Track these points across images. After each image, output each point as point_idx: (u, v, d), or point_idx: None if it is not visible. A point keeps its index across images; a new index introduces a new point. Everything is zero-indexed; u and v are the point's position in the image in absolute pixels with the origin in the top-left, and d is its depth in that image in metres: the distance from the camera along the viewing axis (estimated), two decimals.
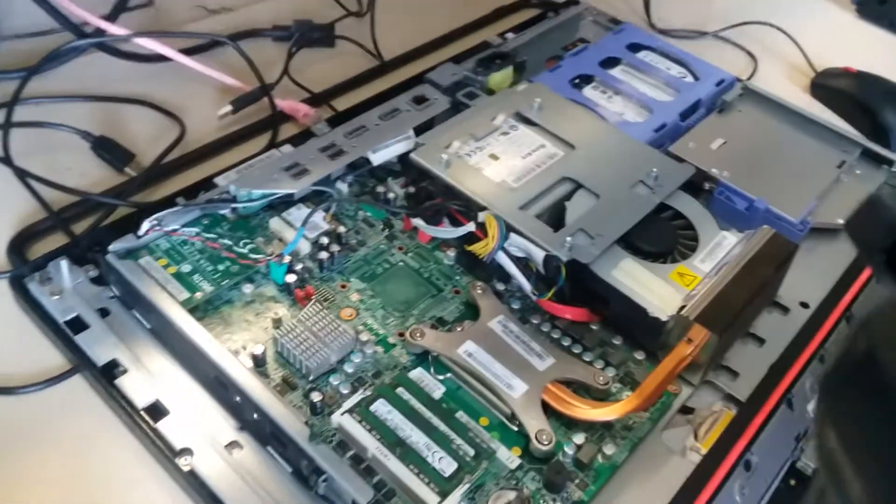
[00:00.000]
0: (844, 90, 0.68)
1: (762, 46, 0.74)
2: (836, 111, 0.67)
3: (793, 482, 0.41)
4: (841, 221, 0.53)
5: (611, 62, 0.63)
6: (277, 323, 0.42)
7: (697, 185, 0.53)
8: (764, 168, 0.55)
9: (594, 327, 0.45)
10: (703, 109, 0.60)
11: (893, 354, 0.23)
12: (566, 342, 0.44)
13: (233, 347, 0.41)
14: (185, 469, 0.37)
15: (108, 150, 0.53)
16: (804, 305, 0.49)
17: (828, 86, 0.69)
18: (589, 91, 0.60)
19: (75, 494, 0.37)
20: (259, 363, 0.40)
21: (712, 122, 0.59)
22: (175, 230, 0.45)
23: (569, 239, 0.44)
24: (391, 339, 0.43)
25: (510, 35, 0.65)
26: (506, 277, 0.46)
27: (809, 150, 0.58)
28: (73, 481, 0.37)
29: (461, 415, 0.39)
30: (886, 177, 0.57)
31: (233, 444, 0.38)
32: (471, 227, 0.45)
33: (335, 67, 0.64)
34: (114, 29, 0.56)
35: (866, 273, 0.48)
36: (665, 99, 0.60)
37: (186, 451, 0.38)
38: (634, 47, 0.65)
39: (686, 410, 0.43)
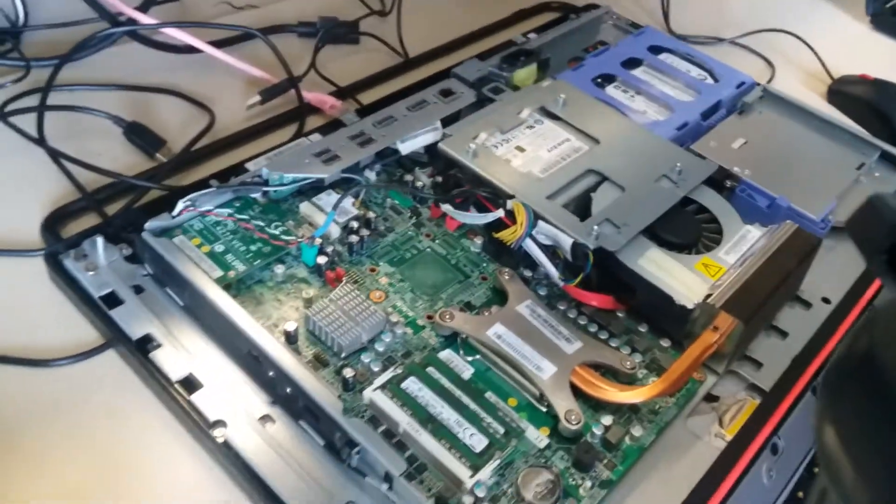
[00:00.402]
0: (861, 97, 0.69)
1: (779, 53, 0.75)
2: (852, 117, 0.68)
3: (816, 470, 0.42)
4: None
5: (632, 63, 0.64)
6: (308, 303, 0.42)
7: (720, 182, 0.54)
8: (784, 168, 0.56)
9: (620, 315, 0.46)
10: (724, 110, 0.61)
11: (894, 354, 0.23)
12: (593, 328, 0.44)
13: (265, 325, 0.41)
14: (220, 440, 0.37)
15: (140, 135, 0.54)
16: (826, 301, 0.50)
17: (845, 92, 0.70)
18: (611, 90, 0.61)
19: (108, 465, 0.37)
20: (291, 340, 0.41)
21: (733, 123, 0.60)
22: (209, 210, 0.45)
23: (595, 228, 0.45)
24: (420, 322, 0.43)
25: (532, 35, 0.66)
26: (532, 265, 0.47)
27: (829, 151, 0.59)
28: (106, 453, 0.38)
29: (490, 395, 0.40)
30: None
31: (265, 418, 0.39)
32: (499, 213, 0.45)
33: (360, 63, 0.65)
34: (146, 18, 0.57)
35: None
36: (686, 99, 0.61)
37: (220, 424, 0.38)
38: (655, 49, 0.66)
39: (711, 398, 0.43)
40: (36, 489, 0.36)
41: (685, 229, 0.48)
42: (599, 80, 0.62)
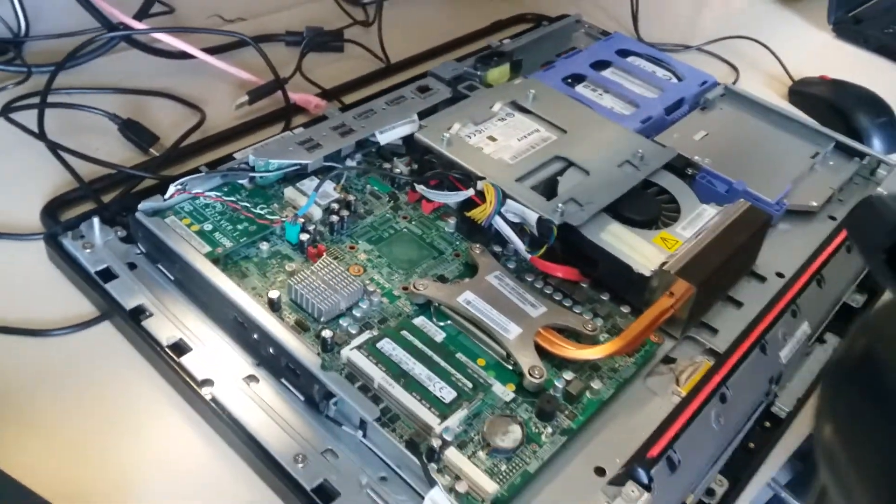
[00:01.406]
0: (820, 96, 0.72)
1: (743, 59, 0.79)
2: (812, 116, 0.71)
3: (767, 424, 0.44)
4: (815, 204, 0.57)
5: (601, 65, 0.68)
6: (291, 275, 0.45)
7: (681, 170, 0.57)
8: (743, 157, 0.60)
9: (584, 286, 0.48)
10: (687, 107, 0.65)
11: (892, 354, 0.23)
12: (558, 297, 0.47)
13: (250, 294, 0.44)
14: (208, 397, 0.40)
15: (135, 132, 0.57)
16: (780, 275, 0.53)
17: (804, 92, 0.74)
18: (580, 89, 0.65)
19: (104, 425, 0.40)
20: (275, 307, 0.43)
21: (695, 118, 0.64)
22: (198, 193, 0.48)
23: (560, 205, 0.48)
24: (396, 292, 0.46)
25: (507, 41, 0.70)
26: (502, 242, 0.50)
27: (786, 142, 0.62)
28: (103, 413, 0.41)
29: (460, 356, 0.43)
30: (857, 168, 0.62)
31: (250, 378, 0.41)
32: (470, 192, 0.49)
33: (344, 69, 0.69)
34: (140, 25, 0.61)
35: (837, 241, 0.51)
36: (651, 96, 0.64)
37: (208, 383, 0.41)
38: (623, 53, 0.70)
39: (668, 361, 0.46)
40: (36, 449, 0.39)
41: (645, 208, 0.51)
42: (569, 80, 0.65)
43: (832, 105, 0.71)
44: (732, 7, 0.93)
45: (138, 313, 0.44)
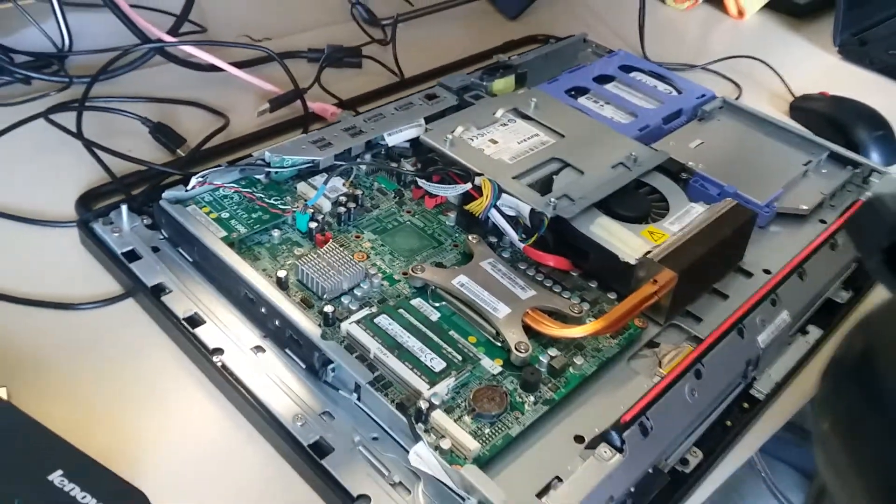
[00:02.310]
0: (820, 111, 0.75)
1: (747, 77, 0.82)
2: (813, 130, 0.74)
3: (746, 405, 0.46)
4: (805, 207, 0.60)
5: (604, 79, 0.72)
6: (299, 259, 0.49)
7: (675, 174, 0.60)
8: (737, 164, 0.62)
9: (574, 275, 0.51)
10: (685, 118, 0.68)
11: (889, 354, 0.23)
12: (548, 284, 0.50)
13: (260, 273, 0.48)
14: (218, 364, 0.44)
15: (164, 134, 0.62)
16: (766, 272, 0.55)
17: (805, 108, 0.76)
18: (583, 100, 0.68)
19: (126, 389, 0.44)
20: (282, 285, 0.47)
21: (692, 127, 0.67)
22: (218, 184, 0.52)
23: (553, 200, 0.51)
24: (396, 276, 0.49)
25: (515, 57, 0.74)
26: (499, 234, 0.53)
27: (780, 151, 0.65)
28: (124, 379, 0.44)
29: (453, 333, 0.46)
30: (850, 175, 0.64)
31: (258, 348, 0.45)
32: (468, 186, 0.52)
33: (361, 83, 0.73)
34: (170, 38, 0.66)
35: (821, 238, 0.53)
36: (650, 107, 0.68)
37: (219, 351, 0.44)
38: (626, 69, 0.73)
39: (653, 345, 0.49)
40: (64, 408, 0.42)
41: (635, 204, 0.54)
42: (573, 92, 0.69)
43: (831, 119, 0.73)
44: (739, 30, 0.96)
45: (159, 290, 0.48)
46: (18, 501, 0.34)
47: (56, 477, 0.35)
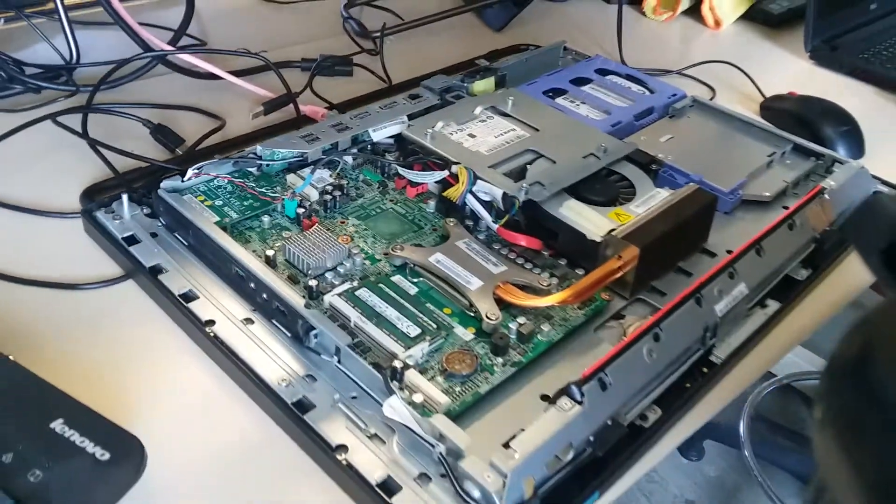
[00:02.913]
0: (788, 109, 0.78)
1: (721, 82, 0.86)
2: (783, 128, 0.77)
3: (705, 370, 0.49)
4: (767, 194, 0.63)
5: (581, 81, 0.75)
6: (287, 240, 0.53)
7: (646, 165, 0.64)
8: (704, 156, 0.66)
9: (545, 254, 0.55)
10: (657, 115, 0.72)
11: (886, 352, 0.24)
12: (520, 261, 0.54)
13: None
14: (210, 334, 0.47)
15: (164, 135, 0.66)
16: (729, 252, 0.58)
17: (774, 107, 0.80)
18: (560, 101, 0.72)
19: (126, 359, 0.47)
20: (270, 263, 0.51)
21: (663, 123, 0.70)
22: (212, 174, 0.56)
23: (525, 185, 0.55)
24: (377, 256, 0.53)
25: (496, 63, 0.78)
26: (475, 219, 0.56)
27: (746, 144, 0.69)
28: (125, 350, 0.48)
29: (430, 306, 0.49)
30: (813, 165, 0.67)
31: (247, 320, 0.48)
32: (445, 173, 0.56)
33: (351, 89, 0.77)
34: (171, 48, 0.70)
35: (779, 219, 0.57)
36: (623, 105, 0.71)
37: (211, 323, 0.48)
38: (603, 72, 0.77)
39: (618, 317, 0.52)
40: (69, 376, 0.45)
41: (603, 190, 0.58)
42: (550, 93, 0.73)
43: (799, 117, 0.77)
44: (716, 39, 1.00)
45: (156, 271, 0.52)
46: (23, 445, 0.37)
47: (57, 424, 0.38)
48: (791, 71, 0.92)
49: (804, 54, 0.94)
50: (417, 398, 0.42)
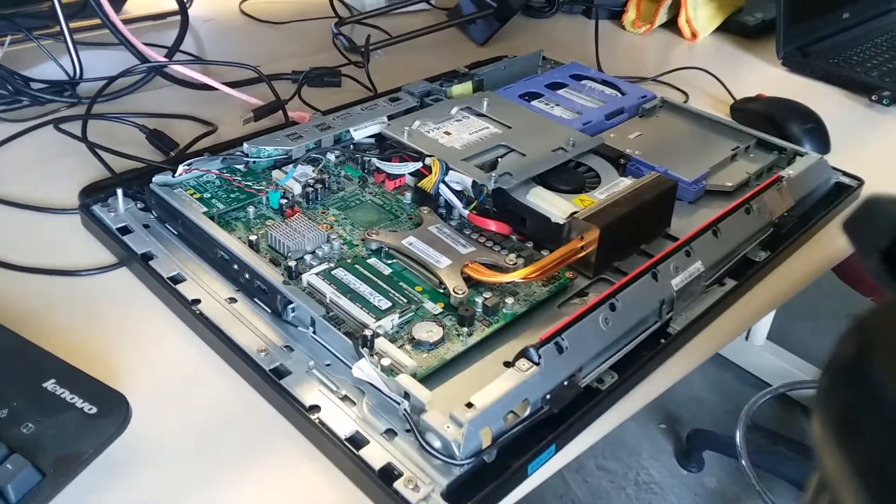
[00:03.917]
0: (756, 110, 0.82)
1: (694, 87, 0.90)
2: (752, 128, 0.81)
3: (662, 341, 0.52)
4: (730, 184, 0.66)
5: (557, 86, 0.79)
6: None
7: (615, 160, 0.67)
8: (670, 150, 0.69)
9: (513, 238, 0.58)
10: (627, 115, 0.75)
11: (882, 353, 0.24)
12: (489, 245, 0.57)
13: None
14: (197, 311, 0.50)
15: (159, 139, 0.70)
16: None
17: (743, 108, 0.83)
18: (535, 103, 0.76)
19: (119, 337, 0.50)
20: (253, 247, 0.54)
21: (633, 122, 0.74)
22: (201, 169, 0.60)
23: (494, 174, 0.58)
24: (355, 242, 0.56)
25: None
26: (450, 208, 0.60)
27: (711, 139, 0.72)
28: (118, 329, 0.51)
29: (402, 284, 0.52)
30: (776, 158, 0.71)
31: (231, 299, 0.52)
32: (418, 164, 0.59)
33: (338, 98, 0.81)
34: (164, 59, 0.75)
35: (736, 203, 0.60)
36: (595, 107, 0.75)
37: (197, 301, 0.51)
38: (577, 77, 0.81)
39: (582, 294, 0.55)
40: (66, 351, 0.48)
41: (570, 179, 0.61)
42: (526, 97, 0.76)
43: (766, 117, 0.80)
44: (692, 49, 1.04)
45: (147, 257, 0.55)
46: (17, 402, 0.40)
47: (49, 384, 0.42)
48: (763, 77, 0.96)
49: (777, 62, 0.98)
50: (385, 362, 0.45)
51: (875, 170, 0.73)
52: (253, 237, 0.54)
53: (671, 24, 1.07)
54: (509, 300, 0.51)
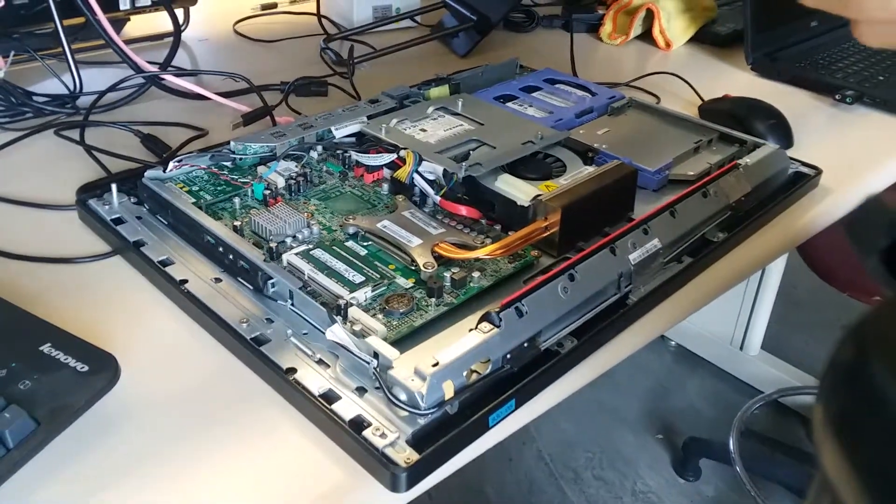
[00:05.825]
0: (722, 109, 0.86)
1: (665, 91, 0.94)
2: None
3: (622, 311, 0.56)
4: (692, 174, 0.70)
5: (531, 89, 0.83)
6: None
7: (583, 153, 0.71)
8: (636, 144, 0.73)
9: (483, 222, 0.62)
10: (596, 114, 0.79)
11: (881, 354, 0.24)
12: (459, 228, 0.61)
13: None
14: (184, 290, 0.54)
15: (153, 143, 0.74)
16: None
17: (710, 109, 0.87)
18: (510, 105, 0.80)
19: (111, 315, 0.54)
20: (238, 232, 0.58)
21: (602, 120, 0.78)
22: (191, 164, 0.64)
23: (466, 164, 0.62)
24: (333, 228, 0.60)
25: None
26: (424, 197, 0.64)
27: (675, 134, 0.76)
28: (110, 308, 0.55)
29: (377, 263, 0.56)
30: (737, 150, 0.74)
31: (217, 280, 0.55)
32: (393, 156, 0.63)
33: (324, 106, 0.86)
34: (163, 73, 0.79)
35: (693, 186, 0.63)
36: (566, 106, 0.79)
37: (184, 281, 0.55)
38: (551, 81, 0.85)
39: (546, 271, 0.58)
40: (59, 322, 0.52)
41: (537, 168, 0.65)
42: (501, 99, 0.81)
43: (732, 115, 0.84)
44: (666, 58, 1.08)
45: (139, 244, 0.59)
46: (15, 363, 0.44)
47: (45, 347, 0.45)
48: (733, 81, 1.00)
49: (747, 68, 1.02)
50: (357, 328, 0.49)
51: (836, 161, 0.76)
52: (237, 223, 0.58)
53: (647, 36, 1.12)
54: (476, 274, 0.55)
